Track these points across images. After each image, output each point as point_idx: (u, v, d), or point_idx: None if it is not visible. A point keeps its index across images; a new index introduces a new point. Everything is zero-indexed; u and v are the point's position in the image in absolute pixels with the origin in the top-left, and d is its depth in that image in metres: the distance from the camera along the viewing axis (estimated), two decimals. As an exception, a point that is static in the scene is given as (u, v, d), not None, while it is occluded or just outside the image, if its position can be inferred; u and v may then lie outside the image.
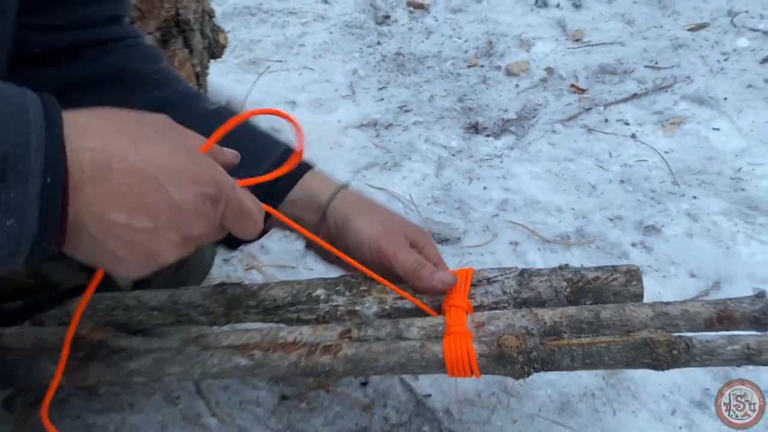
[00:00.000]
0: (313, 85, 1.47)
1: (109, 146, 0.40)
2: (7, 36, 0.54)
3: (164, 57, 0.73)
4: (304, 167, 0.68)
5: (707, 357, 0.56)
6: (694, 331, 0.60)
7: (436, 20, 1.71)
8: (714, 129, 1.27)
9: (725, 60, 1.46)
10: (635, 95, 1.39)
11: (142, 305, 0.69)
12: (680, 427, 0.76)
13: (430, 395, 0.80)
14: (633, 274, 0.64)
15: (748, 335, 0.57)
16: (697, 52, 1.49)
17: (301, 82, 1.48)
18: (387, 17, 1.74)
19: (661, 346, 0.56)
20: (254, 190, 0.60)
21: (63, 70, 0.62)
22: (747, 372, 0.82)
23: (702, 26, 1.57)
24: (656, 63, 1.48)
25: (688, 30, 1.57)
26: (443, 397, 0.80)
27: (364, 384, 0.81)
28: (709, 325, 0.60)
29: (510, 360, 0.58)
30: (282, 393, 0.80)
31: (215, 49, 1.12)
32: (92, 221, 0.39)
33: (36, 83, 0.60)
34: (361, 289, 0.67)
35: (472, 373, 0.59)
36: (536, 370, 0.59)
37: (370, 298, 0.67)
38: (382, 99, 1.44)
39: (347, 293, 0.67)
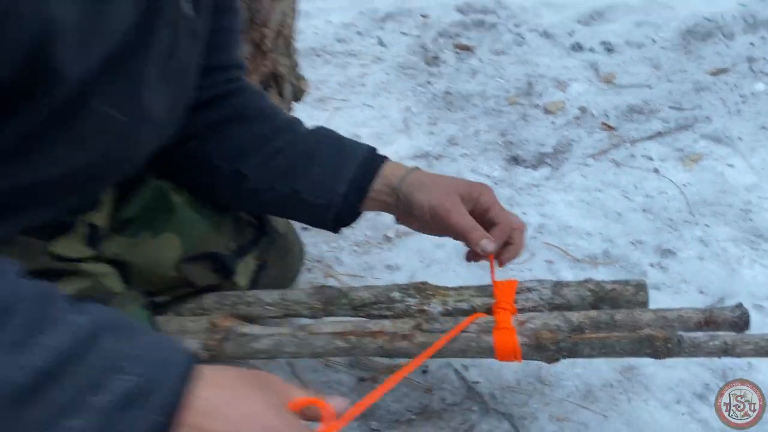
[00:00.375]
0: (372, 120, 1.68)
1: (216, 397, 0.50)
2: (192, 95, 0.78)
3: (268, 95, 0.96)
4: (380, 160, 0.86)
5: (694, 349, 0.75)
6: (686, 331, 0.78)
7: (481, 61, 1.91)
8: (728, 165, 1.44)
9: (743, 103, 1.62)
10: (659, 133, 1.57)
11: (259, 301, 0.89)
12: (683, 413, 0.93)
13: (479, 382, 0.99)
14: (640, 287, 0.82)
15: (727, 334, 0.75)
16: (717, 94, 1.66)
17: (363, 118, 1.69)
18: (436, 58, 1.95)
19: (659, 341, 0.74)
20: (347, 188, 0.83)
21: (203, 115, 0.85)
22: (743, 372, 0.99)
23: (723, 71, 1.74)
24: (680, 104, 1.65)
25: (711, 74, 1.74)
26: (489, 384, 0.99)
27: (425, 372, 1.01)
28: (698, 327, 0.78)
29: (545, 349, 0.77)
30: (359, 376, 1.00)
31: (298, 94, 1.34)
32: None
33: (186, 125, 0.82)
34: (428, 293, 0.87)
35: (515, 358, 0.78)
36: (564, 357, 0.78)
37: (436, 300, 0.86)
38: (433, 133, 1.64)
39: (417, 296, 0.87)
